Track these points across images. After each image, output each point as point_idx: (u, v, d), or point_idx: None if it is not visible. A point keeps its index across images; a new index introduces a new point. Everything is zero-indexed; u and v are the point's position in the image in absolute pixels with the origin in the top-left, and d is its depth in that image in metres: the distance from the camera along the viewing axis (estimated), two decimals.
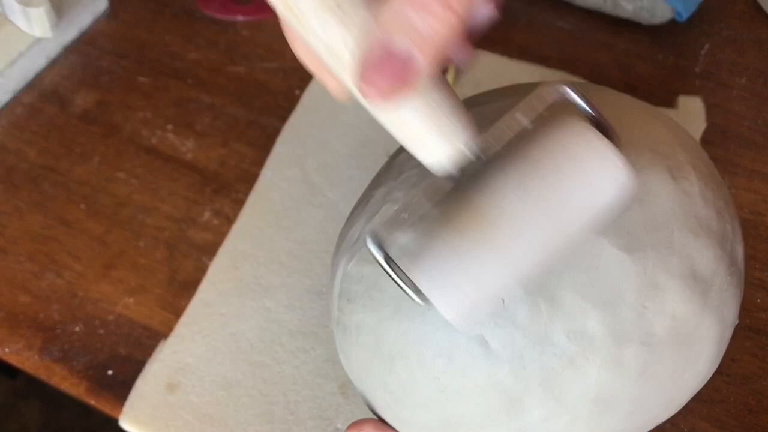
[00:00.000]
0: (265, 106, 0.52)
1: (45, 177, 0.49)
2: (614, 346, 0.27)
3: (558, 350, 0.27)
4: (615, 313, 0.27)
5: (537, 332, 0.27)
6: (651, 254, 0.27)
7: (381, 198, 0.32)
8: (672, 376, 0.29)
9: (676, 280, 0.28)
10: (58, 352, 0.42)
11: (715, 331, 0.29)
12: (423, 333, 0.28)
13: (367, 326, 0.30)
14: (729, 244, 0.30)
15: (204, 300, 0.43)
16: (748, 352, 0.40)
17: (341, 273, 0.32)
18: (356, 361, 0.32)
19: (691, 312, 0.28)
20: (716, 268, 0.29)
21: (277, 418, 0.39)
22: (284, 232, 0.46)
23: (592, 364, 0.27)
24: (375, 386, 0.31)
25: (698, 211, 0.29)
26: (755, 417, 0.38)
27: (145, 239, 0.46)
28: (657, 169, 0.29)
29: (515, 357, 0.27)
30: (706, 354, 0.30)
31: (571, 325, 0.27)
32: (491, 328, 0.27)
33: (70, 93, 0.54)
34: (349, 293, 0.31)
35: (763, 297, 0.42)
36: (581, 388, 0.28)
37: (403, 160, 0.32)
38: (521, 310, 0.27)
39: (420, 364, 0.29)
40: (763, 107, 0.51)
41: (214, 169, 0.49)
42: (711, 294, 0.29)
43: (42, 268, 0.45)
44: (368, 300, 0.30)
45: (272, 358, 0.41)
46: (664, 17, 0.53)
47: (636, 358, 0.27)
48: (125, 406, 0.40)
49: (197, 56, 0.56)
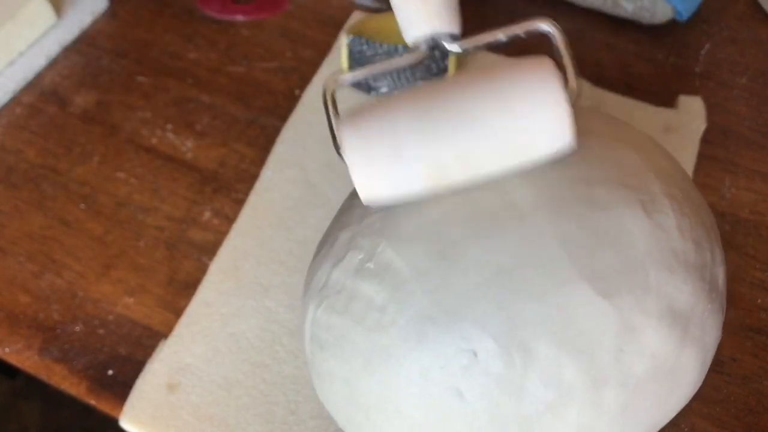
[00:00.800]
0: (265, 106, 0.52)
1: (45, 177, 0.49)
2: (592, 390, 0.27)
3: (535, 399, 0.27)
4: (592, 360, 0.27)
5: (512, 384, 0.27)
6: (627, 297, 0.27)
7: (346, 242, 0.31)
8: (655, 407, 0.29)
9: (653, 320, 0.27)
10: (58, 352, 0.42)
11: (696, 360, 0.29)
12: (397, 386, 0.28)
13: (339, 376, 0.30)
14: (709, 272, 0.29)
15: (204, 300, 0.43)
16: (748, 352, 0.40)
17: (311, 317, 0.31)
18: (333, 404, 0.31)
19: (671, 348, 0.28)
20: (696, 301, 0.28)
21: (277, 418, 0.39)
22: (284, 232, 0.46)
23: (571, 409, 0.27)
24: (354, 429, 0.31)
25: (675, 245, 0.28)
26: (755, 417, 0.38)
27: (145, 239, 0.46)
28: (630, 206, 0.28)
29: (491, 407, 0.27)
30: (688, 381, 0.29)
31: (546, 375, 0.27)
32: (465, 380, 0.27)
33: (70, 93, 0.54)
34: (319, 340, 0.31)
35: (763, 297, 0.42)
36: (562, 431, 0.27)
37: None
38: (495, 363, 0.27)
39: (397, 414, 0.28)
40: (763, 107, 0.51)
41: (214, 169, 0.49)
42: (690, 327, 0.28)
43: (42, 268, 0.45)
44: (339, 350, 0.30)
45: (273, 358, 0.41)
46: (665, 17, 0.53)
47: (616, 398, 0.27)
48: (125, 406, 0.40)
49: (197, 56, 0.56)
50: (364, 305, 0.29)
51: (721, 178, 0.47)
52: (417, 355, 0.27)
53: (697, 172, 0.47)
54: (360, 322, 0.29)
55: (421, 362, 0.27)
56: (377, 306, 0.28)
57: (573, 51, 0.54)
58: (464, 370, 0.27)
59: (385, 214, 0.30)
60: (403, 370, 0.28)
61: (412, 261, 0.28)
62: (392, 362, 0.28)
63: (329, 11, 0.58)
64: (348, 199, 0.34)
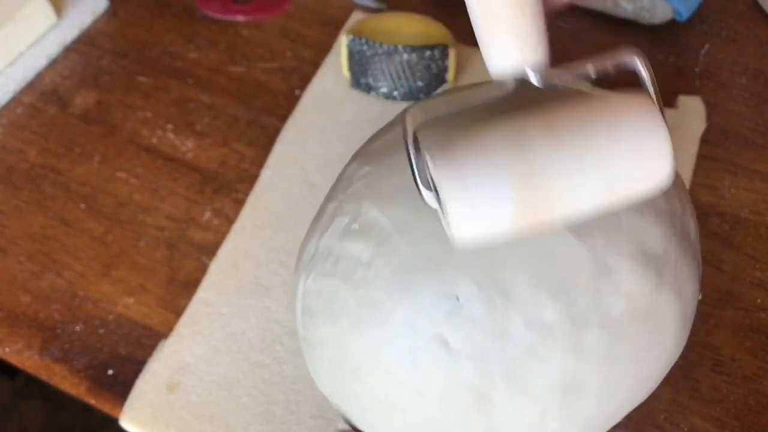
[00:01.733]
0: (265, 106, 0.52)
1: (45, 177, 0.49)
2: (574, 331, 0.27)
3: (518, 342, 0.27)
4: (570, 300, 0.27)
5: (495, 327, 0.27)
6: (599, 238, 0.28)
7: (332, 212, 0.32)
8: (638, 355, 0.29)
9: (627, 260, 0.28)
10: (58, 351, 0.42)
11: (675, 308, 0.30)
12: (384, 340, 0.29)
13: (330, 340, 0.30)
14: (679, 221, 0.30)
15: (204, 300, 0.43)
16: (748, 352, 0.40)
17: (302, 290, 0.32)
18: (325, 375, 0.32)
19: (647, 290, 0.28)
20: (668, 245, 0.29)
21: (277, 417, 0.39)
22: (284, 232, 0.46)
23: (554, 351, 0.28)
24: (346, 398, 0.31)
25: None
26: (755, 417, 0.38)
27: (145, 239, 0.46)
28: None
29: (476, 354, 0.28)
30: (670, 331, 0.30)
31: (527, 316, 0.27)
32: (449, 327, 0.28)
33: (70, 93, 0.54)
34: (310, 309, 0.31)
35: (763, 297, 0.42)
36: (546, 377, 0.28)
37: (351, 172, 0.32)
38: (477, 307, 0.27)
39: (385, 371, 0.29)
40: (763, 107, 0.51)
41: (214, 169, 0.49)
42: (665, 270, 0.29)
43: (42, 268, 0.45)
44: (328, 313, 0.30)
45: (273, 358, 0.41)
46: (664, 17, 0.53)
47: (598, 341, 0.28)
48: (125, 405, 0.40)
49: (197, 56, 0.56)
50: (351, 264, 0.29)
51: (720, 178, 0.47)
52: (403, 305, 0.28)
53: (697, 172, 0.47)
54: (347, 280, 0.30)
55: (406, 312, 0.28)
56: (363, 262, 0.29)
57: (572, 51, 0.54)
58: (448, 316, 0.28)
59: (368, 180, 0.31)
60: (390, 322, 0.28)
61: (394, 216, 0.29)
62: (379, 315, 0.29)
63: (329, 11, 0.58)
64: (339, 174, 0.34)
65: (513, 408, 0.28)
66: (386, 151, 0.31)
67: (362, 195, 0.30)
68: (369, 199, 0.30)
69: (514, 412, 0.28)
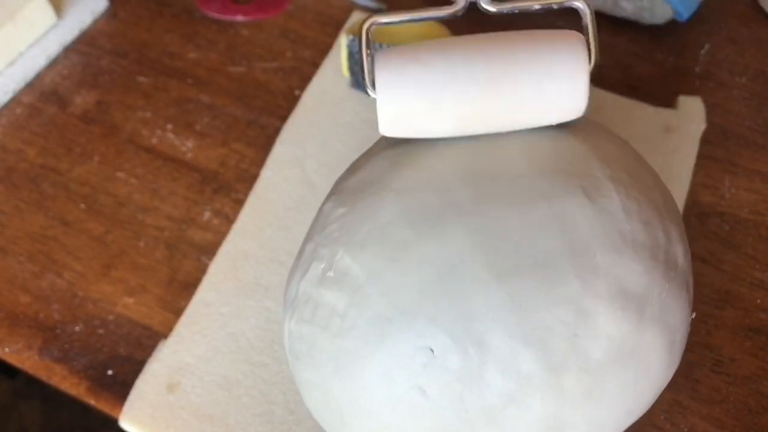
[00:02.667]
0: (265, 106, 0.52)
1: (45, 177, 0.49)
2: (552, 377, 0.27)
3: (495, 390, 0.27)
4: (546, 347, 0.27)
5: (471, 376, 0.27)
6: (575, 282, 0.27)
7: (310, 254, 0.32)
8: (623, 392, 0.29)
9: (605, 303, 0.27)
10: (58, 351, 0.42)
11: (661, 340, 0.29)
12: (363, 387, 0.29)
13: (314, 384, 0.31)
14: (662, 252, 0.29)
15: (204, 300, 0.43)
16: (748, 352, 0.40)
17: (287, 330, 0.32)
18: (314, 411, 0.32)
19: (627, 329, 0.28)
20: (649, 280, 0.28)
21: (277, 417, 0.39)
22: (284, 232, 0.46)
23: (533, 397, 0.27)
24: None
25: (621, 227, 0.28)
26: (755, 417, 0.38)
27: (145, 239, 0.46)
28: (571, 191, 0.29)
29: (455, 401, 0.27)
30: (656, 362, 0.29)
31: (503, 366, 0.27)
32: (426, 378, 0.27)
33: (70, 93, 0.54)
34: (295, 351, 0.32)
35: (763, 297, 0.42)
36: (528, 421, 0.28)
37: (327, 212, 0.32)
38: (452, 358, 0.27)
39: (366, 415, 0.29)
40: (763, 107, 0.51)
41: (214, 169, 0.49)
42: (647, 307, 0.28)
43: (42, 268, 0.45)
44: (310, 360, 0.30)
45: (272, 358, 0.41)
46: (664, 17, 0.53)
47: (578, 383, 0.27)
48: (125, 406, 0.40)
49: (197, 56, 0.56)
50: (327, 312, 0.29)
51: (720, 178, 0.47)
52: (378, 357, 0.28)
53: (697, 172, 0.47)
54: (325, 328, 0.30)
55: (383, 363, 0.28)
56: (339, 312, 0.29)
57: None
58: (424, 367, 0.27)
59: (342, 223, 0.31)
60: (367, 373, 0.28)
61: (366, 265, 0.29)
62: (357, 365, 0.29)
63: (329, 11, 0.58)
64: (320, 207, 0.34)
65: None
66: (360, 191, 0.31)
67: (336, 239, 0.30)
68: (343, 245, 0.30)
69: None
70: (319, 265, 0.30)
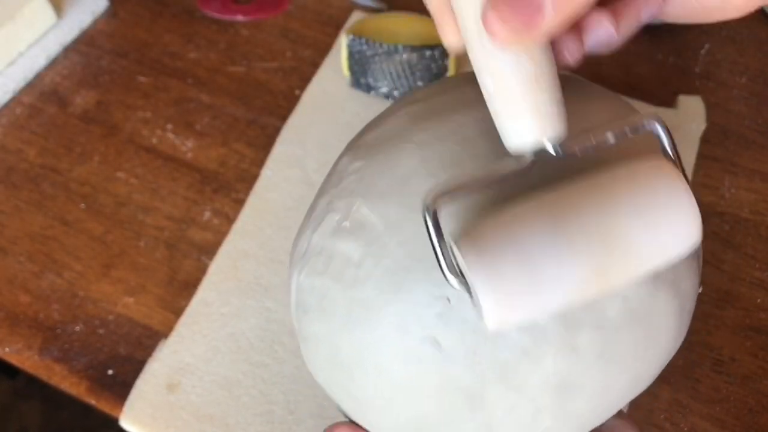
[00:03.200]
0: (265, 106, 0.52)
1: (45, 177, 0.49)
2: (567, 333, 0.27)
3: (510, 343, 0.27)
4: None
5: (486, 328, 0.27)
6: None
7: (324, 207, 0.32)
8: (633, 355, 0.29)
9: None
10: (58, 351, 0.42)
11: (672, 305, 0.29)
12: (374, 340, 0.28)
13: (323, 337, 0.30)
14: None
15: (204, 300, 0.43)
16: (748, 352, 0.40)
17: (295, 284, 0.32)
18: (320, 370, 0.32)
19: (643, 290, 0.28)
20: None
21: (277, 417, 0.39)
22: (284, 232, 0.46)
23: (547, 353, 0.27)
24: (341, 393, 0.31)
25: None
26: (755, 416, 0.38)
27: (145, 239, 0.46)
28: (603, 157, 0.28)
29: (468, 354, 0.27)
30: (666, 328, 0.30)
31: None
32: (441, 328, 0.27)
33: (70, 93, 0.54)
34: (303, 304, 0.31)
35: (763, 297, 0.42)
36: (540, 377, 0.28)
37: (343, 166, 0.32)
38: (468, 307, 0.27)
39: (376, 369, 0.29)
40: (763, 107, 0.51)
41: (214, 169, 0.49)
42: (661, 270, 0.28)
43: (42, 267, 0.45)
44: (320, 312, 0.30)
45: (272, 358, 0.41)
46: None
47: (591, 342, 0.27)
48: (125, 405, 0.40)
49: (197, 56, 0.56)
50: (341, 263, 0.29)
51: (720, 178, 0.47)
52: (394, 306, 0.28)
53: (697, 172, 0.47)
54: (339, 279, 0.29)
55: (397, 313, 0.28)
56: (354, 262, 0.29)
57: None
58: (439, 317, 0.27)
59: (360, 175, 0.30)
60: (381, 323, 0.28)
61: (384, 215, 0.29)
62: (370, 316, 0.28)
63: (329, 11, 0.58)
64: (332, 167, 0.34)
65: (506, 407, 0.28)
66: (378, 145, 0.31)
67: (353, 191, 0.30)
68: (360, 196, 0.30)
69: (507, 410, 0.28)
70: (334, 216, 0.30)
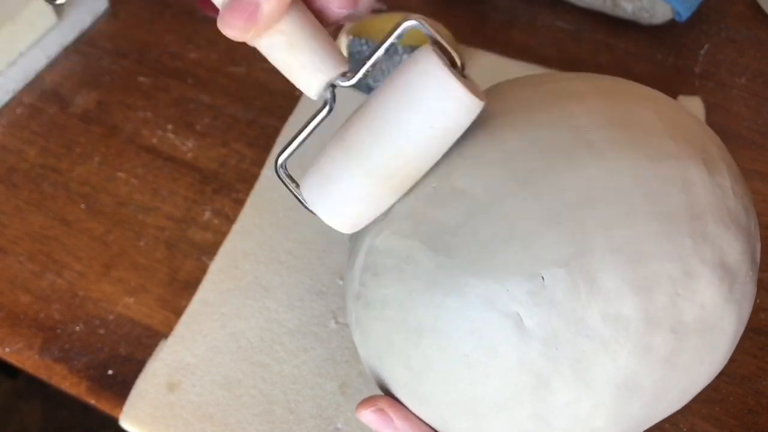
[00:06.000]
0: (265, 106, 0.52)
1: (45, 177, 0.49)
2: (646, 331, 0.27)
3: (592, 333, 0.27)
4: (650, 299, 0.27)
5: (574, 313, 0.27)
6: (688, 242, 0.28)
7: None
8: (692, 365, 0.29)
9: (708, 269, 0.28)
10: (58, 351, 0.42)
11: (733, 325, 0.30)
12: (456, 308, 0.28)
13: (395, 300, 0.30)
14: (753, 240, 0.31)
15: (204, 300, 0.43)
16: (748, 352, 0.40)
17: (367, 247, 0.32)
18: (376, 335, 0.31)
19: (718, 302, 0.29)
20: (741, 262, 0.29)
21: (277, 417, 0.39)
22: (284, 231, 0.46)
23: (624, 348, 0.27)
24: (394, 362, 0.31)
25: (730, 204, 0.30)
26: (755, 417, 0.38)
27: (146, 239, 0.46)
28: (694, 160, 0.29)
29: (549, 338, 0.27)
30: (722, 347, 0.30)
31: (607, 308, 0.27)
32: (528, 306, 0.27)
33: (70, 93, 0.54)
34: (375, 267, 0.31)
35: (763, 297, 0.42)
36: (609, 373, 0.28)
37: None
38: (560, 289, 0.27)
39: (449, 339, 0.28)
40: (762, 107, 0.51)
41: (214, 169, 0.49)
42: (735, 286, 0.29)
43: (42, 267, 0.45)
44: (398, 273, 0.30)
45: (272, 358, 0.41)
46: (664, 17, 0.53)
47: (664, 345, 0.28)
48: (125, 405, 0.40)
49: (197, 56, 0.56)
50: (435, 228, 0.29)
51: None
52: (485, 276, 0.28)
53: None
54: (428, 243, 0.29)
55: (487, 285, 0.28)
56: (449, 228, 0.29)
57: (572, 51, 0.54)
58: (529, 295, 0.27)
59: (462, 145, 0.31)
60: (467, 292, 0.28)
61: (489, 186, 0.29)
62: (458, 283, 0.28)
63: None
64: None
65: (568, 398, 0.28)
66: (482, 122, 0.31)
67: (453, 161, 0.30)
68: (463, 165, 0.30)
69: (568, 402, 0.28)
70: (431, 183, 0.30)
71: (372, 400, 0.31)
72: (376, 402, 0.31)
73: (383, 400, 0.31)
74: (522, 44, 0.55)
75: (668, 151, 0.29)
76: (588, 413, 0.28)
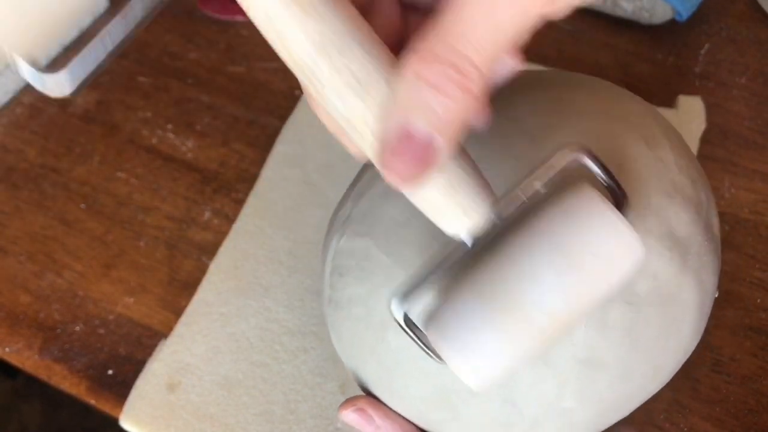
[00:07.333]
0: (265, 106, 0.52)
1: (45, 177, 0.49)
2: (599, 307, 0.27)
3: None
4: None
5: None
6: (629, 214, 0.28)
7: (369, 180, 0.32)
8: (656, 340, 0.29)
9: (654, 239, 0.28)
10: (58, 351, 0.42)
11: (695, 296, 0.30)
12: None
13: (358, 297, 0.31)
14: (704, 211, 0.31)
15: (204, 300, 0.43)
16: (748, 352, 0.40)
17: (332, 251, 0.32)
18: (348, 335, 0.32)
19: (671, 272, 0.29)
20: (693, 232, 0.30)
21: (277, 417, 0.39)
22: (284, 232, 0.46)
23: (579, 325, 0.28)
24: (367, 359, 0.31)
25: (673, 177, 0.30)
26: (755, 417, 0.38)
27: (146, 239, 0.46)
28: (632, 137, 0.30)
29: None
30: (688, 320, 0.30)
31: None
32: None
33: None
34: (340, 268, 0.32)
35: (763, 297, 0.42)
36: (569, 349, 0.28)
37: None
38: None
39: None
40: (763, 107, 0.51)
41: (214, 169, 0.49)
42: (689, 257, 0.29)
43: (42, 267, 0.45)
44: (359, 271, 0.31)
45: (272, 358, 0.41)
46: (664, 17, 0.53)
47: (621, 318, 0.28)
48: (125, 405, 0.40)
49: (197, 56, 0.56)
50: (388, 224, 0.30)
51: (720, 178, 0.47)
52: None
53: None
54: (382, 239, 0.30)
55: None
56: (400, 222, 0.30)
57: (572, 51, 0.54)
58: None
59: None
60: None
61: None
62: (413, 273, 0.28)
63: None
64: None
65: (532, 379, 0.28)
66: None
67: None
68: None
69: (533, 383, 0.28)
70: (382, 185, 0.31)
71: (352, 401, 0.31)
72: (356, 402, 0.31)
73: (363, 400, 0.32)
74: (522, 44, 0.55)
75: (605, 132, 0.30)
76: (555, 394, 0.29)
